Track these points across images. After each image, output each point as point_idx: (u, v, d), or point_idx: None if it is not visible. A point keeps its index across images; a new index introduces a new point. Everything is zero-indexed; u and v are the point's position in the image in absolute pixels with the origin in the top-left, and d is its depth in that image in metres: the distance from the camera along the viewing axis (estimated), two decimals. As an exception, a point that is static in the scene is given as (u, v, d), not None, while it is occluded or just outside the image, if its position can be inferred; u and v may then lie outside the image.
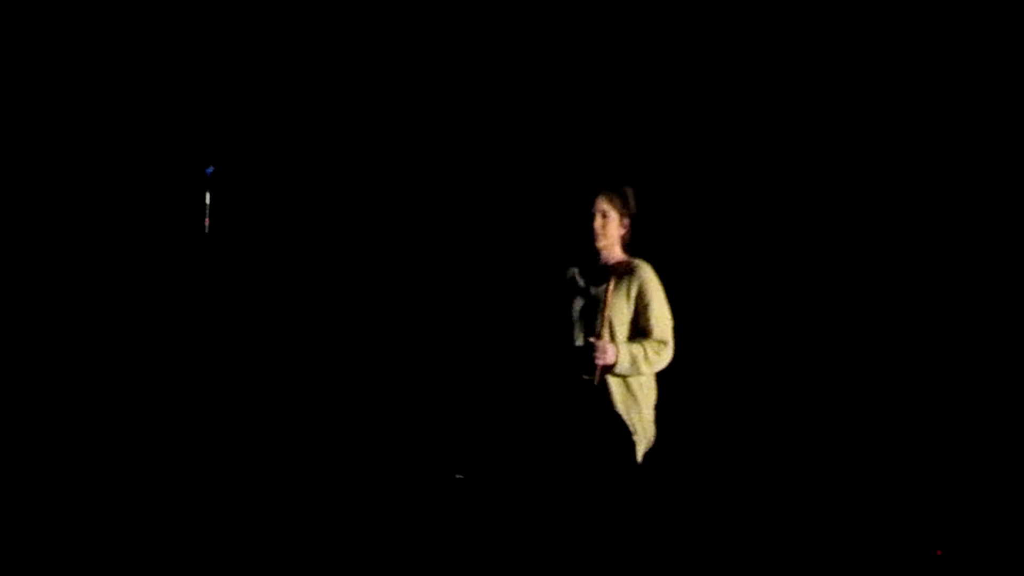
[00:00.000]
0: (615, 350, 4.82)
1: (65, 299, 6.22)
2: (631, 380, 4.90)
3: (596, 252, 5.00)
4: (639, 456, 4.90)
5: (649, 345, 4.88)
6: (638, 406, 4.91)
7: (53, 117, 6.18)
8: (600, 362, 4.81)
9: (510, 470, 5.09)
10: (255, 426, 6.28)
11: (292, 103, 6.37)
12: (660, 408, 5.03)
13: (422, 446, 6.11)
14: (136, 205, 6.28)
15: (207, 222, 6.22)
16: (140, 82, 6.24)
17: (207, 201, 6.19)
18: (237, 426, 6.24)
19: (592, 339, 4.83)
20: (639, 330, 4.91)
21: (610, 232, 4.97)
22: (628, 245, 5.05)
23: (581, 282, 4.99)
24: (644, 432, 4.91)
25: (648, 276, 4.96)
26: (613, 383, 4.87)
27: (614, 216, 4.97)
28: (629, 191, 5.04)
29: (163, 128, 6.29)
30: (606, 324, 4.86)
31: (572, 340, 4.89)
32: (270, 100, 6.36)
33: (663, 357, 4.91)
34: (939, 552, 5.43)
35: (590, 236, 4.97)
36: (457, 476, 5.21)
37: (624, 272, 4.95)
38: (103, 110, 6.23)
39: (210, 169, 6.20)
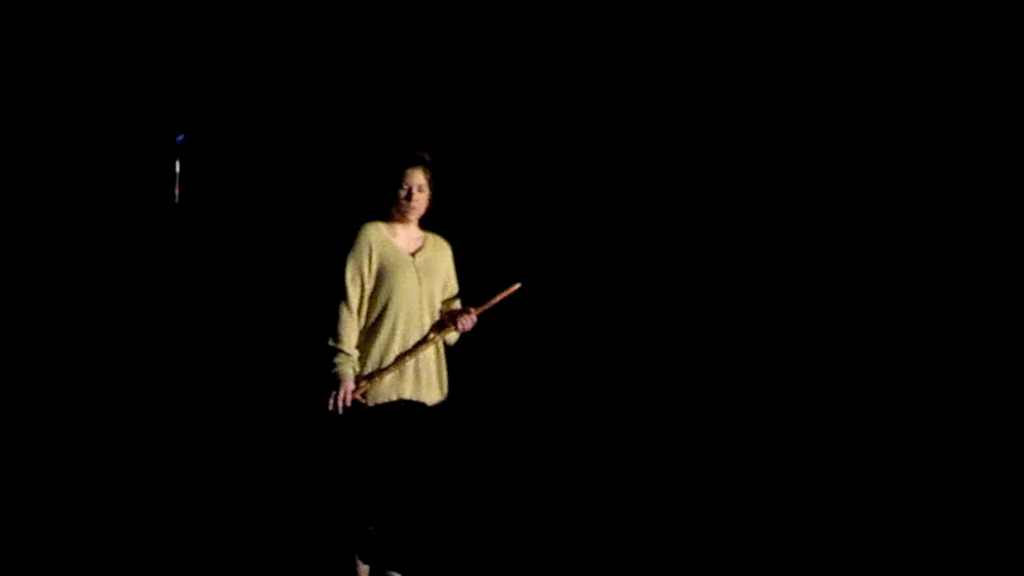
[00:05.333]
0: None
1: (31, 271, 6.22)
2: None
3: (389, 218, 4.95)
4: None
5: None
6: None
7: (19, 86, 6.23)
8: (465, 330, 4.95)
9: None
10: (226, 402, 6.18)
11: (261, 71, 6.28)
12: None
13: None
14: (105, 174, 6.26)
15: (177, 191, 6.18)
16: (109, 49, 6.24)
17: (177, 170, 6.17)
18: (208, 402, 6.17)
19: (473, 309, 4.94)
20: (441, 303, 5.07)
21: (423, 207, 4.95)
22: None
23: (409, 255, 4.94)
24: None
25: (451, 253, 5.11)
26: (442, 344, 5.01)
27: (427, 190, 4.94)
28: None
29: (132, 96, 6.26)
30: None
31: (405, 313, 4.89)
32: (240, 68, 6.28)
33: None
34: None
35: (398, 208, 4.92)
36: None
37: (440, 246, 5.06)
38: (71, 78, 6.25)
39: (180, 137, 6.18)
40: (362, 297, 4.83)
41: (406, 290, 4.85)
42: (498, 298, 4.94)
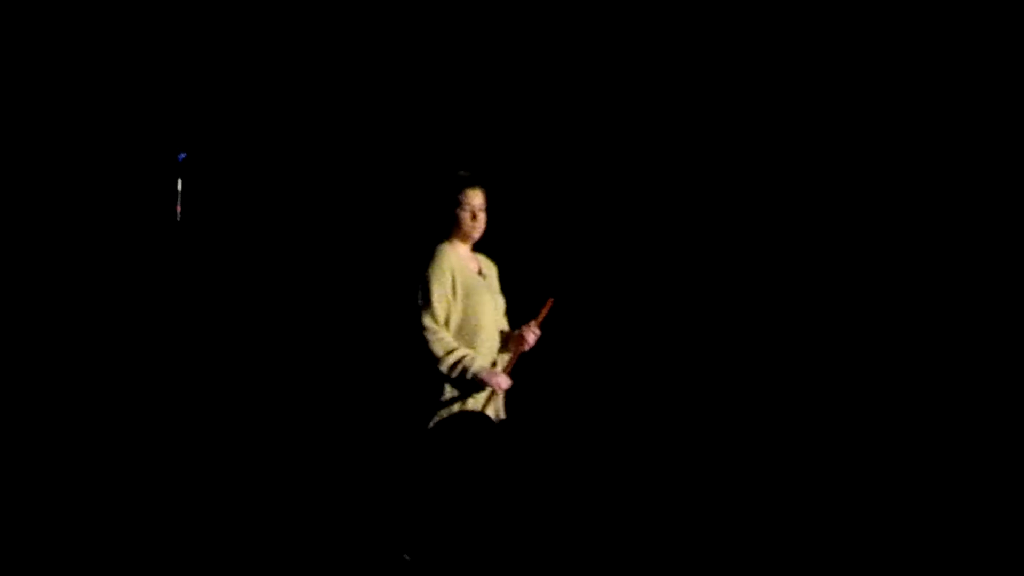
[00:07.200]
0: None
1: (33, 285, 6.18)
2: None
3: (450, 241, 4.91)
4: None
5: None
6: None
7: (23, 101, 6.19)
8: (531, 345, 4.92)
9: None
10: (225, 412, 6.16)
11: (263, 88, 6.29)
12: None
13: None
14: (107, 192, 6.24)
15: (179, 209, 6.17)
16: (112, 66, 6.23)
17: (179, 188, 6.15)
18: (207, 412, 6.14)
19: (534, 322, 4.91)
20: None
21: (484, 227, 4.92)
22: None
23: (478, 275, 4.92)
24: None
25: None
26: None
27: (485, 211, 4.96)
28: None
29: (135, 114, 6.25)
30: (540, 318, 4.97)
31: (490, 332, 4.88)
32: (241, 85, 6.29)
33: None
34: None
35: (461, 229, 4.89)
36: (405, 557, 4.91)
37: (490, 266, 5.05)
38: (74, 95, 6.22)
39: (182, 155, 6.17)
40: (448, 319, 4.77)
41: (487, 311, 4.84)
42: (543, 313, 4.92)
